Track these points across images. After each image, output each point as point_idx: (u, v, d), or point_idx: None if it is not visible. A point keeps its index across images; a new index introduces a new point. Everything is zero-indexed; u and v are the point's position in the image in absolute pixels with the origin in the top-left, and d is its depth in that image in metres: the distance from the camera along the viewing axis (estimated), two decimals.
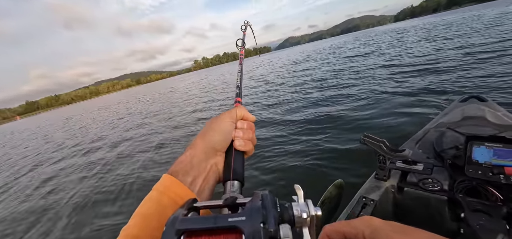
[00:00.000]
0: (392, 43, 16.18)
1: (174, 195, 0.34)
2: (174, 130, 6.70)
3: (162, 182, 0.36)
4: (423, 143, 1.45)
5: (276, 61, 29.81)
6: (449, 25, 17.77)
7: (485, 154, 0.98)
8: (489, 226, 0.80)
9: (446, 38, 11.78)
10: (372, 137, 1.25)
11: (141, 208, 0.33)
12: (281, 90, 8.63)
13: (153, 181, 2.19)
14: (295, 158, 3.28)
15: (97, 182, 4.29)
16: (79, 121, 17.17)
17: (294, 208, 0.27)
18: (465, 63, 6.13)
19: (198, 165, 0.39)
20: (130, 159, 5.10)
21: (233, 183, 0.38)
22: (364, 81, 7.00)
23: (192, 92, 17.01)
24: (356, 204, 1.19)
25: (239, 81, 0.59)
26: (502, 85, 4.12)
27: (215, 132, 0.42)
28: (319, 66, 13.07)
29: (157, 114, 10.37)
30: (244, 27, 0.81)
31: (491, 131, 1.30)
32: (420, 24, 31.31)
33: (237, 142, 0.43)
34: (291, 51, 69.14)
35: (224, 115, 0.44)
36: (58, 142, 10.07)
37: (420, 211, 1.15)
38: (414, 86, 5.31)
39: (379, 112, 4.24)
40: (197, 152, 0.40)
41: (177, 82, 44.62)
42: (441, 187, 1.08)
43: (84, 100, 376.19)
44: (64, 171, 5.57)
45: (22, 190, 5.00)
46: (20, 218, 3.69)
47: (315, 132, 4.03)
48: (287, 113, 5.55)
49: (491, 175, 0.94)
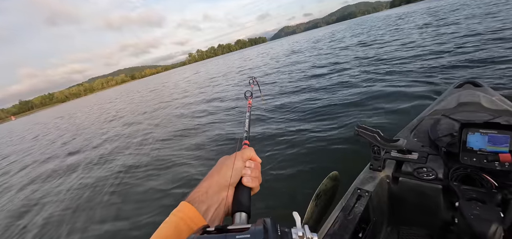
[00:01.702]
0: (388, 29, 16.07)
1: (190, 222, 0.38)
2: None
3: (181, 208, 0.40)
4: (418, 131, 1.44)
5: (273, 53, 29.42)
6: (452, 9, 17.39)
7: (480, 140, 0.96)
8: (483, 215, 0.79)
9: (446, 23, 11.69)
10: (366, 128, 1.22)
11: (160, 231, 0.37)
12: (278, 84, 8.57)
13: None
14: (289, 151, 3.26)
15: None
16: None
17: (293, 232, 0.31)
18: (467, 48, 6.07)
19: (212, 196, 0.44)
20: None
21: (241, 214, 0.43)
22: (359, 71, 6.97)
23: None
24: (351, 195, 1.18)
25: (247, 126, 0.65)
26: (496, 70, 4.11)
27: (229, 168, 0.47)
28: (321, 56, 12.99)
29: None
30: (252, 81, 0.96)
31: (486, 116, 1.28)
32: (418, 9, 31.02)
33: (245, 179, 0.48)
34: (287, 41, 68.30)
35: (236, 155, 0.50)
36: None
37: (415, 200, 1.14)
38: (411, 73, 5.30)
39: (373, 103, 4.23)
40: (213, 184, 0.45)
41: (176, 75, 43.47)
42: (436, 176, 1.07)
43: (78, 98, 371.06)
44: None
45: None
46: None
47: (309, 124, 4.02)
48: (280, 106, 5.53)
49: (486, 162, 0.92)
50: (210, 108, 7.40)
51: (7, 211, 4.22)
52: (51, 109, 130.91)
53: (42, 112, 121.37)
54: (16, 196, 4.85)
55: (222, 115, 6.17)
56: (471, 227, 0.77)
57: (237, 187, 0.48)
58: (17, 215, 3.91)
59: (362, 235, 1.07)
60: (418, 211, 1.16)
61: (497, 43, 5.72)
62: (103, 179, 4.28)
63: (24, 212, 3.94)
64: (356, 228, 1.03)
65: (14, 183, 5.87)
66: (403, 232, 1.24)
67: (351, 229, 1.00)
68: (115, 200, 3.47)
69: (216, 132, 5.00)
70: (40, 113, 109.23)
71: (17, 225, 3.59)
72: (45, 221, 3.44)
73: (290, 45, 33.48)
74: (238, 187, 0.48)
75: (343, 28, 39.56)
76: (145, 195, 3.34)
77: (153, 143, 5.51)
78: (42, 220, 3.48)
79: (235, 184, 0.48)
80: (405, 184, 1.16)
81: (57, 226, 3.24)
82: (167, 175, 3.69)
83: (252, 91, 0.81)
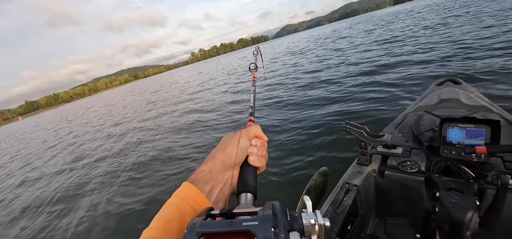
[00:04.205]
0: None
1: (193, 202, 0.37)
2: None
3: (183, 189, 0.39)
4: (403, 127, 1.49)
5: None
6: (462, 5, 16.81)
7: (458, 134, 1.01)
8: (461, 203, 0.84)
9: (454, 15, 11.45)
10: (354, 124, 1.27)
11: (162, 212, 0.36)
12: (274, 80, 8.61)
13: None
14: (279, 150, 3.30)
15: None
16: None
17: (303, 217, 0.28)
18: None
19: (216, 176, 0.42)
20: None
21: (247, 195, 0.41)
22: (350, 68, 7.02)
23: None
24: (340, 190, 1.23)
25: (252, 101, 0.62)
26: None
27: (234, 147, 0.44)
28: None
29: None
30: (256, 52, 0.90)
31: (464, 112, 1.34)
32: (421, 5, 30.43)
33: (251, 158, 0.46)
34: (290, 39, 67.95)
35: (242, 133, 0.47)
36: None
37: (400, 192, 1.19)
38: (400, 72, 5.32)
39: (362, 99, 4.30)
40: (216, 163, 0.43)
41: (187, 73, 43.57)
42: (419, 169, 1.13)
43: (83, 98, 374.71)
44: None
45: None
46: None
47: (298, 121, 4.07)
48: (270, 104, 5.60)
49: (464, 154, 0.97)
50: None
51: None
52: (57, 109, 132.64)
53: (49, 112, 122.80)
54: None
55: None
56: (450, 215, 0.82)
57: (243, 166, 0.46)
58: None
59: (351, 227, 1.12)
60: (403, 202, 1.21)
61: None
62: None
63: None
64: (345, 221, 1.07)
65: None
66: (389, 222, 1.29)
67: (341, 222, 1.04)
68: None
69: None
70: (47, 113, 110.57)
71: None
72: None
73: (289, 44, 33.11)
74: (243, 167, 0.46)
75: (345, 26, 39.17)
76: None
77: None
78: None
79: (240, 163, 0.45)
80: (391, 177, 1.21)
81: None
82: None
83: (257, 63, 0.79)
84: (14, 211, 4.12)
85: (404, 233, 1.23)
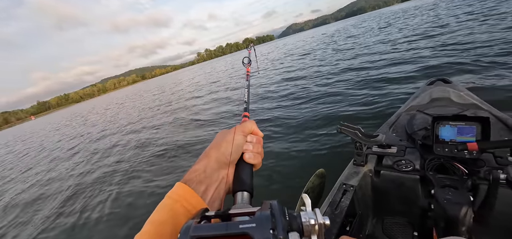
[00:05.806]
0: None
1: (187, 204, 0.35)
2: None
3: (176, 190, 0.37)
4: (396, 127, 1.51)
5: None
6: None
7: (450, 132, 1.03)
8: (455, 199, 0.85)
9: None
10: (348, 125, 1.28)
11: (154, 215, 0.34)
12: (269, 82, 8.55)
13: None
14: (276, 152, 3.29)
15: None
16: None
17: (303, 217, 0.27)
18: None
19: (211, 175, 0.40)
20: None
21: (243, 194, 0.39)
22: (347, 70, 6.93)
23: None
24: (337, 191, 1.24)
25: (246, 96, 0.61)
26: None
27: (229, 144, 0.43)
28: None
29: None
30: (250, 47, 0.91)
31: (455, 110, 1.35)
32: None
33: (247, 155, 0.44)
34: (296, 38, 67.52)
35: (236, 129, 0.45)
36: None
37: (396, 191, 1.21)
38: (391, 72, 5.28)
39: (355, 101, 4.29)
40: (211, 162, 0.41)
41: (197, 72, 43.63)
42: (414, 167, 1.14)
43: (92, 98, 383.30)
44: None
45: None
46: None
47: (294, 125, 4.06)
48: (265, 107, 5.58)
49: (456, 151, 0.98)
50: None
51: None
52: (68, 109, 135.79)
53: (60, 112, 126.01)
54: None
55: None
56: (445, 211, 0.83)
57: (238, 164, 0.44)
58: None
59: (349, 228, 1.12)
60: (399, 201, 1.22)
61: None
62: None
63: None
64: (343, 222, 1.07)
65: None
66: (387, 222, 1.30)
67: (339, 223, 1.04)
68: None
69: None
70: (58, 112, 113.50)
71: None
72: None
73: (291, 47, 32.72)
74: (239, 164, 0.44)
75: (352, 23, 38.67)
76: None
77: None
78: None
79: (235, 161, 0.44)
80: (386, 176, 1.22)
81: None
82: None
83: (250, 57, 0.77)
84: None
85: (402, 231, 1.24)
